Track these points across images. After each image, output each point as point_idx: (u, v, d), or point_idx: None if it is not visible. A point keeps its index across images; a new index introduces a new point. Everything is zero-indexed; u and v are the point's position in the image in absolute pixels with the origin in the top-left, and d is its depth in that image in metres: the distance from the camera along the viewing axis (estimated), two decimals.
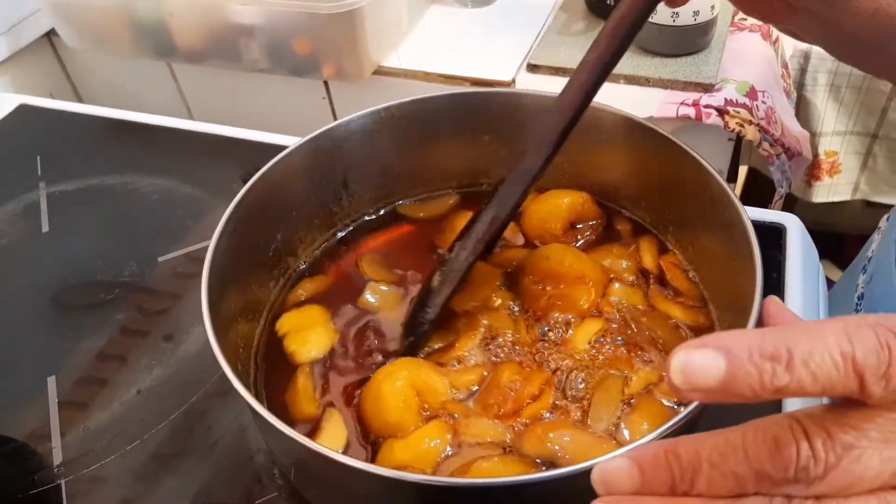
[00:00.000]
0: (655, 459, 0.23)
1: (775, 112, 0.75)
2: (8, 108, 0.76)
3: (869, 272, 0.59)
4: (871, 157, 1.20)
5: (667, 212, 0.49)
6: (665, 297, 0.45)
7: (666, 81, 0.73)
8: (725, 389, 0.20)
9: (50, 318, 0.56)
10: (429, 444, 0.38)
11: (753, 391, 0.20)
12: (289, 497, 0.42)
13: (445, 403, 0.40)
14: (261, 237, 0.46)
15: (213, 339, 0.36)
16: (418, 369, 0.40)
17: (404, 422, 0.39)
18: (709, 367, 0.20)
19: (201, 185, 0.65)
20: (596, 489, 0.24)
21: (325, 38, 0.73)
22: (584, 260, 0.46)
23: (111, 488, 0.44)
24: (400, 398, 0.39)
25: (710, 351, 0.20)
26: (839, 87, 1.13)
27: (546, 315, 0.44)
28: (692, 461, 0.22)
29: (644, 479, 0.23)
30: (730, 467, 0.21)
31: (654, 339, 0.42)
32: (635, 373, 0.40)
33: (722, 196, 0.41)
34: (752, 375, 0.20)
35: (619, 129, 0.47)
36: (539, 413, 0.39)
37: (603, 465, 0.23)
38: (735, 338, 0.21)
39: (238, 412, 0.46)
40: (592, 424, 0.38)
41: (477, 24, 0.85)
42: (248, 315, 0.45)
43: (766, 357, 0.20)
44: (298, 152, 0.47)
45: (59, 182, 0.67)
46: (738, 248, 0.38)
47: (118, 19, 0.80)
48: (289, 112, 0.85)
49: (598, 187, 0.51)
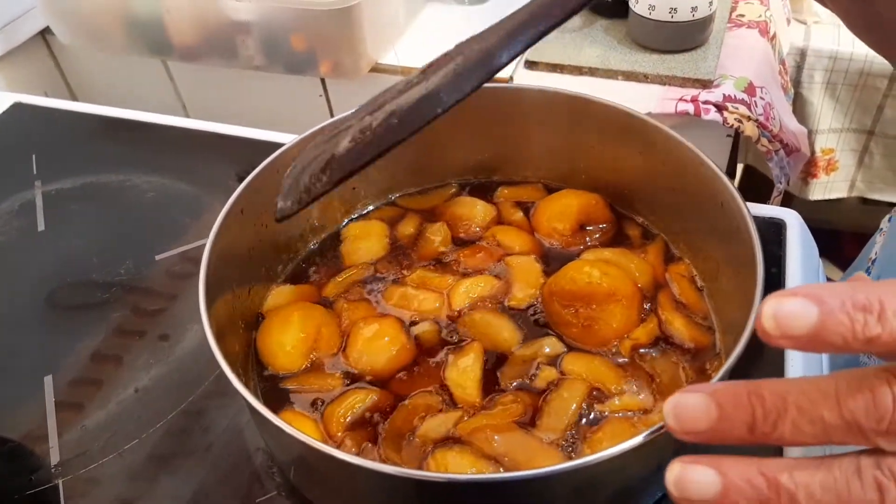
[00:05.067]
0: (736, 398, 0.22)
1: (773, 108, 0.75)
2: (2, 106, 0.75)
3: (874, 274, 0.59)
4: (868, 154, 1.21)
5: (679, 218, 0.47)
6: (673, 307, 0.43)
7: (664, 77, 0.73)
8: (816, 337, 0.20)
9: (46, 317, 0.55)
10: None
11: (845, 340, 0.20)
12: (289, 495, 0.41)
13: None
14: (257, 235, 0.46)
15: (211, 337, 0.35)
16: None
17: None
18: (801, 313, 0.20)
19: (197, 182, 0.64)
20: (668, 424, 0.22)
21: (322, 34, 0.72)
22: (613, 274, 0.42)
23: (109, 488, 0.43)
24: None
25: (802, 299, 0.20)
26: (835, 85, 1.13)
27: (585, 342, 0.41)
28: (777, 404, 0.21)
29: (722, 416, 0.22)
30: (819, 413, 0.21)
31: (652, 375, 0.40)
32: (620, 394, 0.38)
33: (732, 204, 0.39)
34: (844, 324, 0.20)
35: (637, 132, 0.46)
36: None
37: (676, 399, 0.22)
38: (827, 288, 0.20)
39: (236, 411, 0.46)
40: (540, 432, 0.37)
41: (474, 20, 0.84)
42: (245, 313, 0.45)
43: (857, 308, 0.20)
44: (295, 149, 0.46)
45: (55, 180, 0.67)
46: (743, 255, 0.37)
47: (113, 16, 0.79)
48: (285, 109, 0.84)
49: (612, 190, 0.50)
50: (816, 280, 0.53)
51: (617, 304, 0.41)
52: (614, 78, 0.76)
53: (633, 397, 0.38)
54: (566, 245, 0.48)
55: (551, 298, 0.43)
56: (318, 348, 0.43)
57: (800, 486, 0.21)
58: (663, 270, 0.46)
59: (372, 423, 0.39)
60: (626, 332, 0.41)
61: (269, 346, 0.43)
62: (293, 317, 0.43)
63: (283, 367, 0.42)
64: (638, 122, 0.45)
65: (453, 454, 0.36)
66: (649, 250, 0.47)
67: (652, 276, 0.45)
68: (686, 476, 0.22)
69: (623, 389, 0.39)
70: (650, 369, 0.40)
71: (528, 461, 0.35)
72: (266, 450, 0.44)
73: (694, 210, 0.44)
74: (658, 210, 0.49)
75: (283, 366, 0.42)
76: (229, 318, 0.42)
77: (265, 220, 0.46)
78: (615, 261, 0.45)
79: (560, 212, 0.49)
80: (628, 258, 0.45)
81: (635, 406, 0.38)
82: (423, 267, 0.47)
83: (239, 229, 0.43)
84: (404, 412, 0.39)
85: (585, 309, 0.41)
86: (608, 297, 0.41)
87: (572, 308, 0.42)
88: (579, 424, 0.38)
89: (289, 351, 0.42)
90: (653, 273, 0.45)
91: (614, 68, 0.75)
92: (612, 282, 0.42)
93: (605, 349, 0.41)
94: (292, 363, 0.42)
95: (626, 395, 0.39)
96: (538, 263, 0.46)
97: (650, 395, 0.39)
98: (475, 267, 0.47)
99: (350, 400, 0.39)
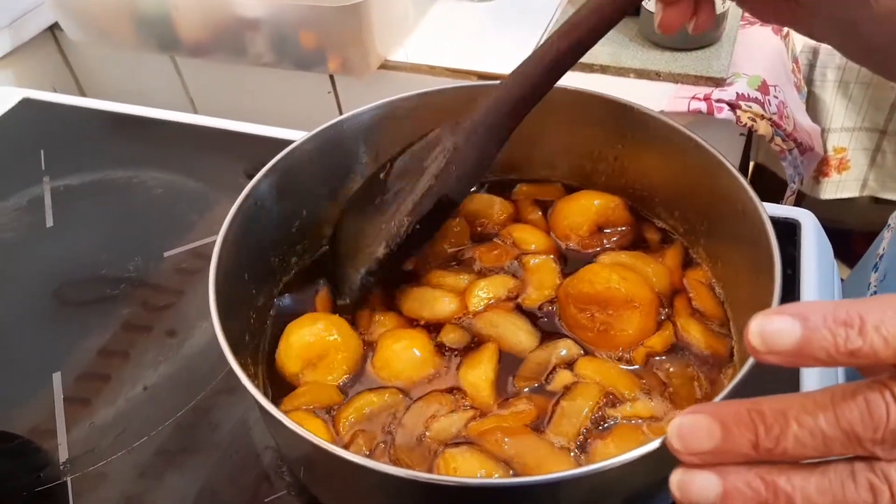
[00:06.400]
0: (738, 416, 0.23)
1: (787, 107, 0.75)
2: (11, 102, 0.75)
3: (881, 270, 0.59)
4: (880, 153, 1.19)
5: (699, 223, 0.46)
6: (690, 313, 0.42)
7: (676, 76, 0.73)
8: (801, 352, 0.21)
9: (54, 313, 0.55)
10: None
11: (828, 353, 0.21)
12: (298, 495, 0.41)
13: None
14: (266, 233, 0.45)
15: (220, 335, 0.35)
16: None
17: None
18: (785, 330, 0.21)
19: (206, 179, 0.64)
20: (672, 446, 0.23)
21: (331, 31, 0.72)
22: (631, 280, 0.41)
23: (117, 485, 0.43)
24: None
25: (786, 317, 0.22)
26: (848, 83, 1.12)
27: (600, 346, 0.41)
28: (778, 419, 0.22)
29: (725, 436, 0.22)
30: (819, 426, 0.22)
31: (665, 383, 0.39)
32: (633, 400, 0.38)
33: (753, 211, 0.38)
34: (827, 339, 0.21)
35: (659, 134, 0.45)
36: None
37: (680, 420, 0.23)
38: (810, 306, 0.22)
39: (246, 409, 0.46)
40: (551, 435, 0.37)
41: (484, 17, 0.84)
42: (254, 311, 0.44)
43: (839, 323, 0.21)
44: (306, 146, 0.46)
45: (63, 176, 0.66)
46: (761, 261, 0.36)
47: (121, 12, 0.79)
48: (294, 106, 0.84)
49: (632, 192, 0.49)
50: (832, 280, 0.53)
51: (634, 310, 0.41)
52: (626, 76, 0.75)
53: (645, 404, 0.38)
54: (583, 247, 0.47)
55: (567, 301, 0.42)
56: (317, 367, 0.41)
57: (797, 488, 0.22)
58: (681, 276, 0.45)
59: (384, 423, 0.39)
60: (641, 338, 0.41)
61: (287, 340, 0.42)
62: (315, 325, 0.42)
63: (288, 374, 0.41)
64: (660, 125, 0.44)
65: (463, 455, 0.35)
66: (667, 254, 0.46)
67: (669, 281, 0.44)
68: (688, 480, 0.23)
69: (636, 396, 0.38)
70: (664, 377, 0.40)
71: (538, 465, 0.35)
72: (275, 449, 0.43)
73: (714, 215, 0.44)
74: (678, 214, 0.48)
75: (288, 373, 0.41)
76: (238, 316, 0.42)
77: (278, 212, 0.46)
78: (631, 264, 0.44)
79: (578, 212, 0.48)
80: (645, 262, 0.45)
81: (647, 413, 0.38)
82: (440, 264, 0.47)
83: (251, 222, 0.43)
84: (417, 412, 0.38)
85: (602, 314, 0.41)
86: (626, 304, 0.41)
87: (588, 312, 0.41)
88: (590, 429, 0.37)
89: (295, 354, 0.41)
90: (670, 278, 0.44)
91: (626, 66, 0.75)
92: (630, 287, 0.41)
93: (619, 354, 0.41)
94: (292, 368, 0.41)
95: (638, 401, 0.38)
96: (555, 264, 0.46)
97: (662, 402, 0.38)
98: (491, 264, 0.46)
99: (362, 401, 0.39)
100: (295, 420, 0.31)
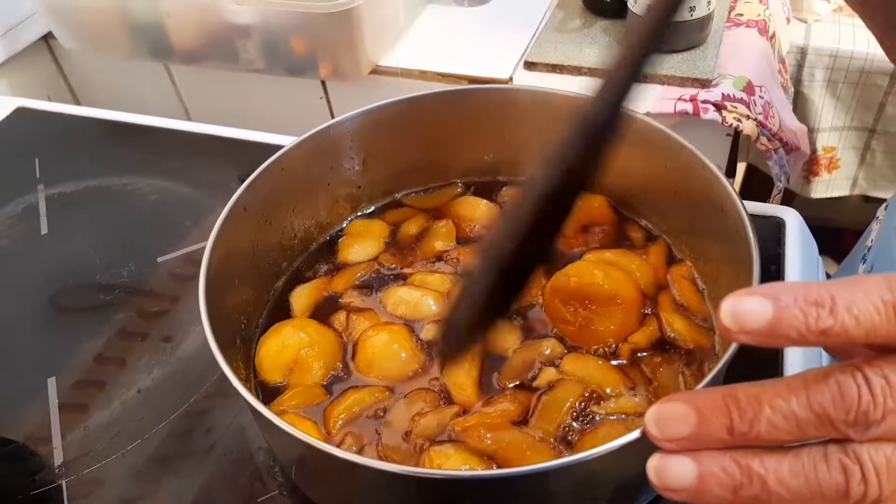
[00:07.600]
0: (713, 402, 0.23)
1: (773, 107, 0.75)
2: (6, 110, 0.76)
3: (869, 262, 0.59)
4: (870, 152, 1.20)
5: (681, 220, 0.47)
6: (674, 308, 0.43)
7: (663, 77, 0.73)
8: (772, 331, 0.22)
9: (49, 319, 0.56)
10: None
11: (799, 333, 0.21)
12: (290, 495, 0.42)
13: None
14: (257, 237, 0.46)
15: (211, 339, 0.36)
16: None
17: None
18: (757, 310, 0.22)
19: (199, 185, 0.65)
20: (650, 432, 0.24)
21: (322, 37, 0.73)
22: (615, 277, 0.42)
23: (112, 488, 0.43)
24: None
25: (758, 297, 0.22)
26: (836, 83, 1.13)
27: (580, 342, 0.42)
28: (752, 404, 0.22)
29: (701, 421, 0.23)
30: (791, 410, 0.22)
31: (650, 378, 0.40)
32: (617, 396, 0.39)
33: (732, 207, 0.39)
34: (798, 318, 0.21)
35: (640, 134, 0.45)
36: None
37: (657, 407, 0.24)
38: (782, 286, 0.22)
39: (238, 411, 0.46)
40: (534, 430, 0.37)
41: (474, 22, 0.85)
42: (246, 314, 0.45)
43: (810, 302, 0.21)
44: (295, 152, 0.47)
45: (58, 184, 0.67)
46: (742, 257, 0.37)
47: (115, 21, 0.80)
48: (286, 112, 0.85)
49: (615, 191, 0.50)
50: (816, 277, 0.54)
51: (617, 307, 0.41)
52: None
53: (629, 399, 0.39)
54: (568, 246, 0.48)
55: (553, 295, 0.43)
56: (294, 371, 0.42)
57: (770, 470, 0.23)
58: (665, 272, 0.46)
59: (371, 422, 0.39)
60: (623, 334, 0.41)
61: (258, 355, 0.43)
62: (281, 332, 0.43)
63: (273, 383, 0.42)
64: (641, 125, 0.45)
65: (447, 452, 0.36)
66: (651, 251, 0.47)
67: (653, 277, 0.45)
68: (665, 465, 0.24)
69: (621, 392, 0.39)
70: (649, 372, 0.40)
71: (520, 458, 0.36)
72: (267, 449, 0.44)
73: (695, 212, 0.44)
74: (660, 212, 0.49)
75: (273, 382, 0.42)
76: (230, 319, 0.42)
77: (268, 217, 0.46)
78: (616, 261, 0.45)
79: None
80: (629, 258, 0.46)
81: (631, 409, 0.38)
82: (425, 266, 0.47)
83: (241, 228, 0.43)
84: (402, 410, 0.39)
85: (585, 309, 0.41)
86: (609, 300, 0.41)
87: (572, 307, 0.42)
88: (573, 425, 0.38)
89: (269, 366, 0.42)
90: (654, 274, 0.45)
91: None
92: (614, 284, 0.42)
93: (602, 349, 0.41)
94: (273, 377, 0.42)
95: (622, 397, 0.39)
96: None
97: (646, 397, 0.39)
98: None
99: (350, 400, 0.40)
100: (286, 421, 0.32)
